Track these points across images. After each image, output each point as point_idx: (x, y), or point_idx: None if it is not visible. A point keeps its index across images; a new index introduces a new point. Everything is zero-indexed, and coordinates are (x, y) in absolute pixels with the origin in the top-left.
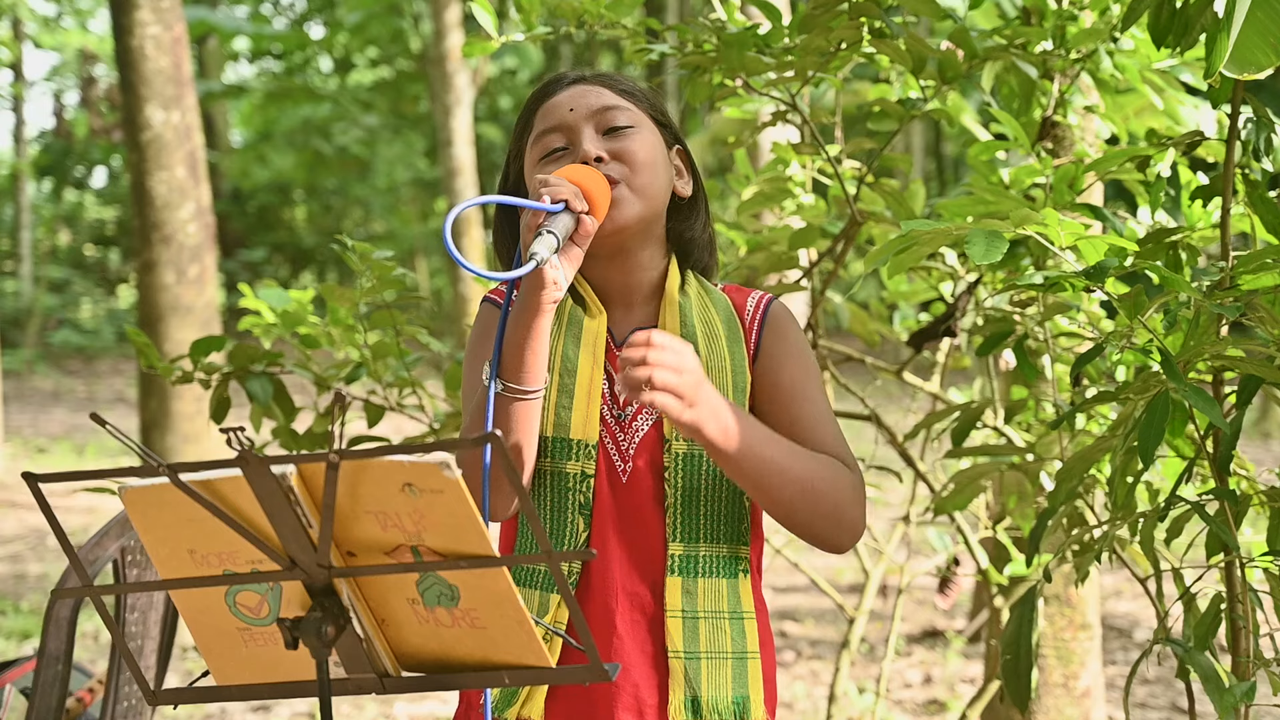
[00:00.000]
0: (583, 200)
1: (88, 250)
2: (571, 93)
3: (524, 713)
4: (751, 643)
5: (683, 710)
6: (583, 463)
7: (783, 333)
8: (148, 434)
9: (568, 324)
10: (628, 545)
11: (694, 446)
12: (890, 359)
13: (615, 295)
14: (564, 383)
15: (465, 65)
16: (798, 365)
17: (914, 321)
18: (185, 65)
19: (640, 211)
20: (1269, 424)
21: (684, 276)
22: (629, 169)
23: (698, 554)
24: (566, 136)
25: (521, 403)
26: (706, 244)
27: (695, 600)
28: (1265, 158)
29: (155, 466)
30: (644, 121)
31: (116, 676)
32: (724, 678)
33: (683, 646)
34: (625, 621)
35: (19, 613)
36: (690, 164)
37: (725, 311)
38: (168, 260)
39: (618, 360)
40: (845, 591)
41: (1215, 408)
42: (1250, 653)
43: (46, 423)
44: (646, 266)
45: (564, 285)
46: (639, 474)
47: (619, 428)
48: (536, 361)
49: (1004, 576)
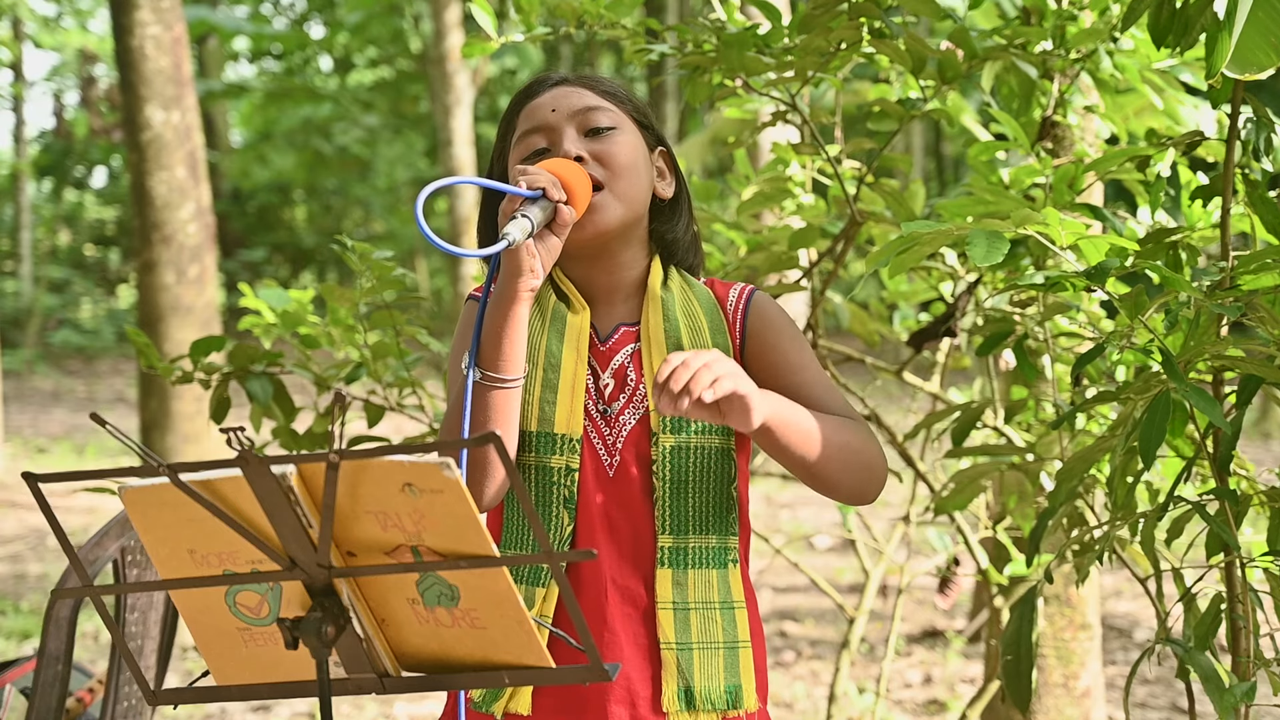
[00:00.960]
0: (560, 190)
1: (88, 250)
2: (554, 94)
3: (510, 707)
4: (743, 632)
5: (676, 701)
6: (567, 457)
7: (767, 316)
8: (148, 434)
9: (551, 319)
10: (617, 539)
11: (681, 439)
12: (890, 359)
13: (599, 293)
14: (548, 377)
15: (465, 65)
16: (787, 340)
17: (914, 321)
18: (185, 65)
19: (621, 215)
20: (1269, 424)
21: (666, 273)
22: (610, 171)
23: (687, 545)
24: (548, 137)
25: (500, 391)
26: (690, 244)
27: (686, 591)
28: (1265, 158)
29: (155, 466)
30: (625, 123)
31: (116, 676)
32: (716, 667)
33: (674, 638)
34: (616, 615)
35: (19, 613)
36: (673, 165)
37: (708, 304)
38: (168, 260)
39: (600, 354)
40: (845, 591)
41: (1216, 408)
42: (1250, 653)
43: (46, 423)
44: (629, 266)
45: (541, 273)
46: (626, 467)
47: (605, 422)
48: (514, 350)
49: (1004, 576)
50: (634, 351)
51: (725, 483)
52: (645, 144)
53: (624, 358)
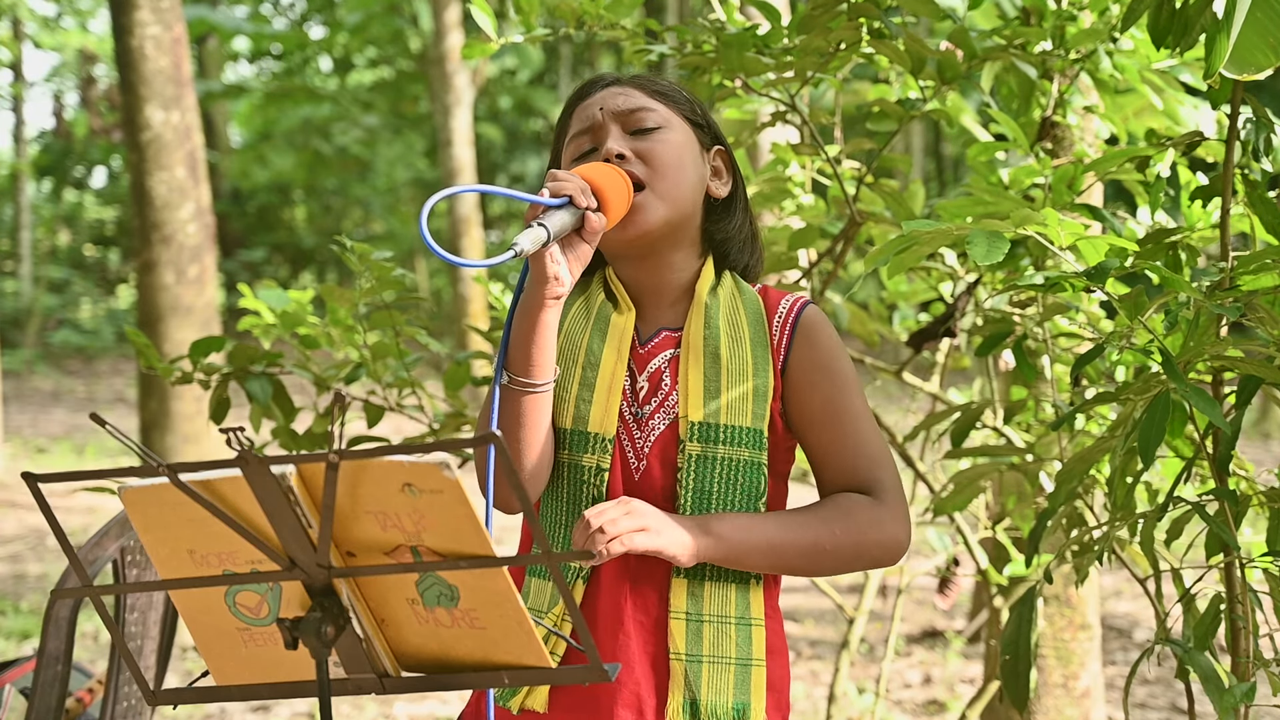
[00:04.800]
0: (590, 196)
1: (87, 250)
2: (603, 94)
3: (528, 703)
4: (758, 650)
5: (680, 713)
6: (599, 456)
7: (814, 341)
8: (147, 434)
9: (595, 318)
10: None
11: (708, 448)
12: (890, 359)
13: (646, 295)
14: (586, 376)
15: (465, 65)
16: (830, 381)
17: (913, 322)
18: (185, 65)
19: (664, 215)
20: (1269, 424)
21: (719, 277)
22: (652, 170)
23: None
24: (595, 137)
25: (529, 396)
26: (745, 243)
27: (701, 603)
28: (1265, 158)
29: (155, 466)
30: (675, 122)
31: (116, 676)
32: (725, 683)
33: (684, 649)
34: (632, 620)
35: (19, 613)
36: (731, 164)
37: (755, 313)
38: (168, 260)
39: (639, 356)
40: (845, 592)
41: (1216, 408)
42: (1250, 653)
43: (46, 423)
44: (679, 268)
45: (567, 280)
46: (652, 471)
47: (635, 424)
48: (542, 356)
49: (1004, 577)
50: (672, 357)
51: (753, 497)
52: (698, 142)
53: (661, 362)
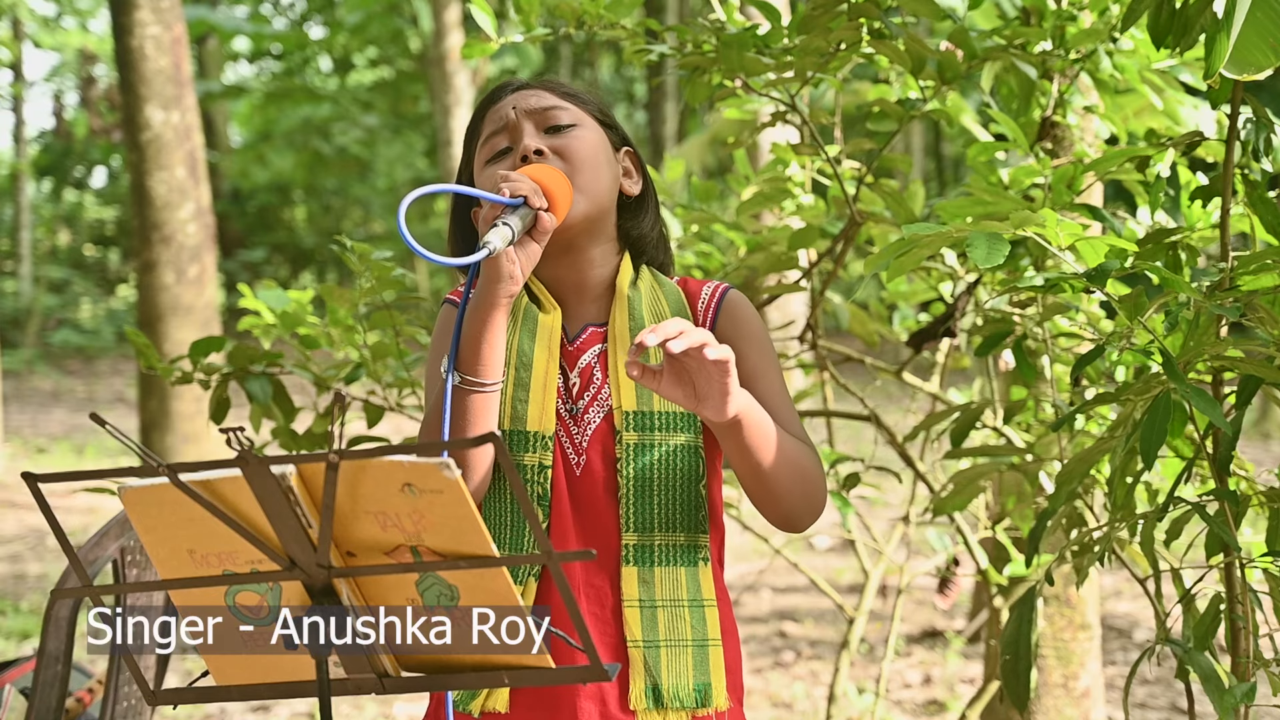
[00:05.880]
0: (542, 197)
1: (87, 250)
2: (515, 96)
3: (489, 705)
4: (712, 630)
5: (644, 699)
6: (540, 455)
7: (739, 318)
8: (147, 434)
9: (523, 319)
10: (585, 536)
11: (645, 436)
12: (890, 359)
13: (569, 292)
14: (520, 377)
15: (465, 65)
16: (756, 350)
17: (914, 322)
18: (185, 65)
19: (584, 209)
20: (1269, 424)
21: (637, 272)
22: (570, 165)
23: (653, 543)
24: (510, 136)
25: (479, 395)
26: (657, 241)
27: (653, 589)
28: (1265, 158)
29: (155, 466)
30: (586, 121)
31: (116, 676)
32: (684, 665)
33: (641, 635)
34: (587, 612)
35: (19, 613)
36: (640, 165)
37: (676, 302)
38: (167, 260)
39: (569, 353)
40: (845, 592)
41: (1216, 408)
42: (1250, 653)
43: (46, 423)
44: (599, 264)
45: (521, 280)
46: (592, 466)
47: (572, 420)
48: (493, 355)
49: (1003, 577)
50: (601, 351)
51: (694, 480)
52: (609, 142)
53: (590, 357)
